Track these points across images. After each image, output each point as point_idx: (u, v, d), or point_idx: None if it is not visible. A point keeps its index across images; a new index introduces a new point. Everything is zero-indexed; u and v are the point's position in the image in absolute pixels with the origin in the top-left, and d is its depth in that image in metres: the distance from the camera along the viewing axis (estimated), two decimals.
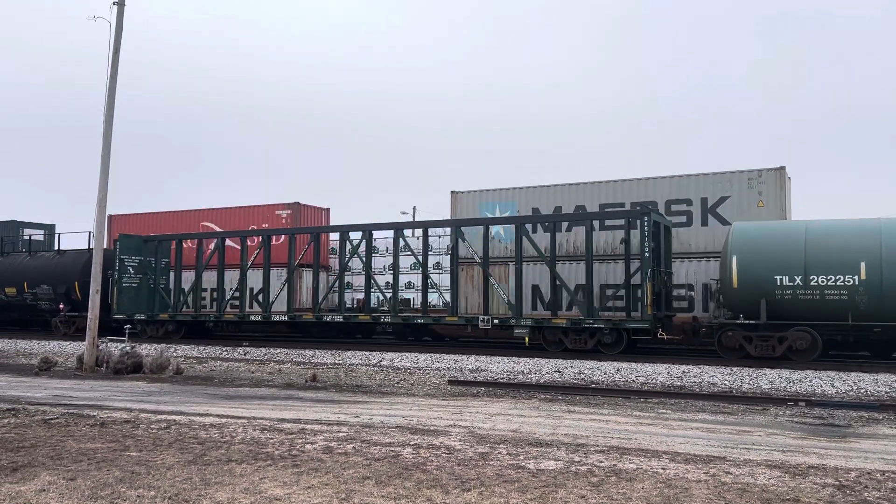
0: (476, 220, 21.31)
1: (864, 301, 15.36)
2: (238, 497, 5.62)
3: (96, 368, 16.31)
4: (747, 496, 5.70)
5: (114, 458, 6.98)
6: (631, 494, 5.74)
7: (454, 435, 8.31)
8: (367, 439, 8.00)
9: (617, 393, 12.78)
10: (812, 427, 9.38)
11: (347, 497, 5.64)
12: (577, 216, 20.64)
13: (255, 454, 7.19)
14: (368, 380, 14.98)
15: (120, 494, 5.71)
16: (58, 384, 13.84)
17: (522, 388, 13.55)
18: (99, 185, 17.09)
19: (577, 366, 16.43)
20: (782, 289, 15.95)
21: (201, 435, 8.23)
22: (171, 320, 24.48)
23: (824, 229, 16.30)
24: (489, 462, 6.87)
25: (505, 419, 9.61)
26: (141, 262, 25.23)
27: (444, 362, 17.76)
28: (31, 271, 27.76)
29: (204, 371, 16.73)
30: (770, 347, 16.25)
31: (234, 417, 9.58)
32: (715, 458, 7.15)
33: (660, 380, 14.82)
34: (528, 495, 5.70)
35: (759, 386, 13.92)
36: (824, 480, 6.24)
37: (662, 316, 18.23)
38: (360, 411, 10.28)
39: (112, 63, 17.00)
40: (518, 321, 19.02)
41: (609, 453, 7.33)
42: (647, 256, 17.52)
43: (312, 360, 18.89)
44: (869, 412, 10.80)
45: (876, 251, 15.39)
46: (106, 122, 17.06)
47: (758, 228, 17.09)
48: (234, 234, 24.79)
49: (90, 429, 8.66)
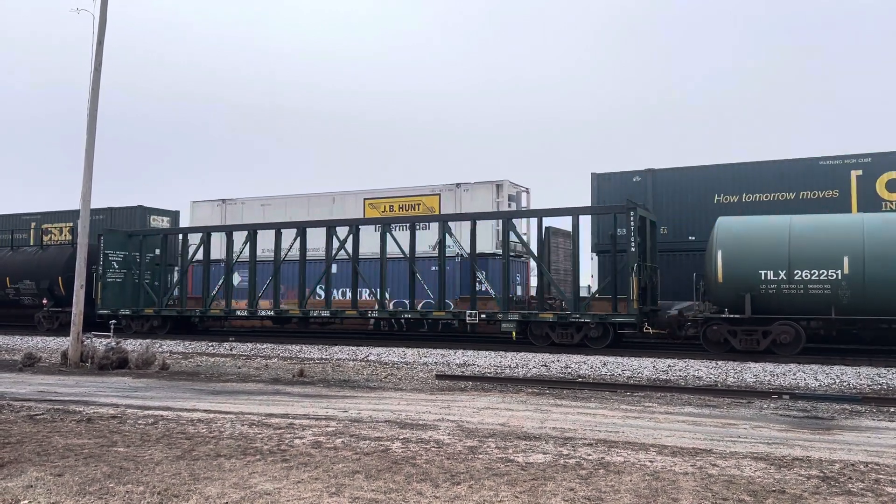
0: (463, 214, 21.32)
1: (847, 295, 15.54)
2: (227, 492, 5.62)
3: (81, 364, 16.18)
4: (734, 488, 5.76)
5: (101, 454, 6.94)
6: (619, 487, 5.79)
7: (443, 429, 8.34)
8: (356, 434, 8.00)
9: (604, 387, 12.85)
10: (796, 420, 9.50)
11: (337, 491, 5.65)
12: (563, 210, 20.68)
13: (243, 449, 7.17)
14: (356, 374, 14.98)
15: (108, 490, 5.68)
16: (42, 380, 13.73)
17: (510, 382, 13.60)
18: (83, 179, 16.95)
19: (564, 360, 16.51)
20: (767, 283, 16.09)
21: (189, 430, 8.20)
22: (157, 315, 24.32)
23: (808, 224, 16.45)
24: (478, 456, 6.91)
25: (493, 413, 9.64)
26: (126, 256, 25.03)
27: (431, 357, 17.78)
28: (13, 266, 27.43)
29: (190, 366, 16.65)
30: (754, 341, 16.40)
31: (222, 413, 9.55)
32: (701, 450, 7.22)
33: (646, 374, 14.93)
34: (517, 488, 5.74)
35: (743, 379, 14.06)
36: (809, 472, 6.32)
37: (648, 310, 18.36)
38: (349, 406, 10.28)
39: (95, 56, 16.84)
40: (505, 315, 19.08)
41: (597, 446, 7.38)
42: (634, 251, 17.62)
43: (299, 355, 18.85)
44: (852, 405, 10.94)
45: (858, 246, 15.57)
46: (90, 116, 16.90)
47: (743, 223, 17.22)
48: (219, 229, 24.64)
49: (77, 424, 8.60)
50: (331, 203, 26.52)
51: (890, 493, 5.69)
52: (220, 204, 28.84)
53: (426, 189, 25.36)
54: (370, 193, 26.32)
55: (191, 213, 29.47)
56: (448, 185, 24.83)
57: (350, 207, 25.99)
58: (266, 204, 27.90)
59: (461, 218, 20.93)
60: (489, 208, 23.13)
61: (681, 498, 5.48)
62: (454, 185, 24.64)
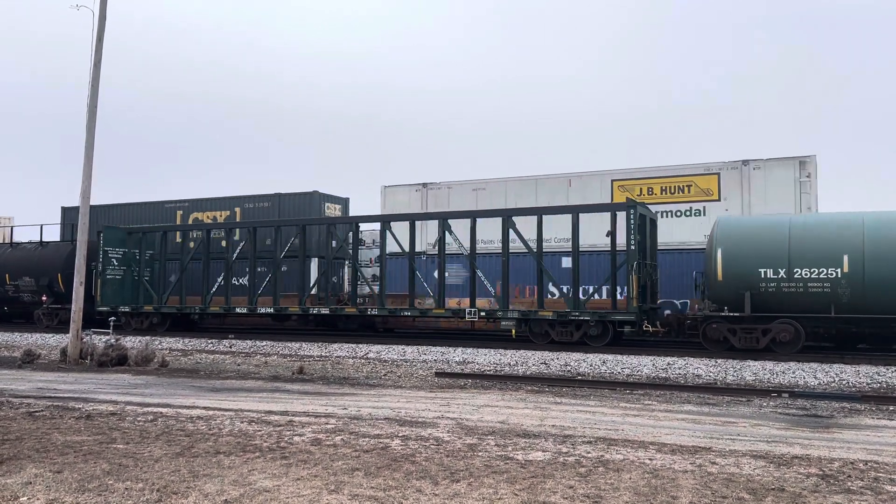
0: (463, 212, 21.28)
1: (847, 294, 15.54)
2: (227, 489, 5.61)
3: (80, 361, 16.18)
4: (733, 486, 5.76)
5: (100, 451, 6.94)
6: (619, 485, 5.79)
7: (442, 426, 8.33)
8: (356, 431, 8.00)
9: (603, 384, 12.86)
10: (795, 418, 9.50)
11: (337, 489, 5.64)
12: (562, 209, 20.61)
13: (243, 446, 7.17)
14: (356, 372, 14.98)
15: (108, 487, 5.68)
16: (42, 376, 13.72)
17: (509, 379, 13.60)
18: (83, 175, 16.93)
19: (564, 358, 16.51)
20: (766, 282, 16.09)
21: (188, 427, 8.20)
22: (156, 312, 24.31)
23: (808, 223, 16.46)
24: (478, 453, 6.90)
25: (492, 411, 9.64)
26: (125, 253, 25.01)
27: (430, 354, 17.78)
28: (12, 263, 27.43)
29: (189, 363, 16.65)
30: (754, 339, 16.40)
31: (222, 410, 9.54)
32: (701, 448, 7.22)
33: (645, 371, 14.93)
34: (516, 486, 5.73)
35: (743, 377, 14.06)
36: (808, 470, 6.32)
37: (648, 308, 18.35)
38: (348, 403, 10.28)
39: (95, 52, 16.83)
40: (504, 313, 19.06)
41: (596, 444, 7.38)
42: (633, 249, 17.61)
43: (299, 353, 18.85)
44: (851, 403, 10.94)
45: (858, 245, 15.56)
46: (90, 112, 16.89)
47: (742, 222, 17.22)
48: (219, 227, 24.62)
49: (76, 421, 8.60)
50: (566, 186, 22.88)
51: (889, 491, 5.69)
52: (419, 189, 25.36)
53: (699, 167, 21.57)
54: (620, 174, 22.65)
55: (383, 199, 26.12)
56: (731, 162, 20.93)
57: (593, 190, 22.48)
58: (480, 188, 24.34)
59: (460, 216, 20.84)
60: (788, 190, 19.89)
61: (680, 496, 5.47)
62: (739, 163, 20.77)
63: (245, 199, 27.31)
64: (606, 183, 22.62)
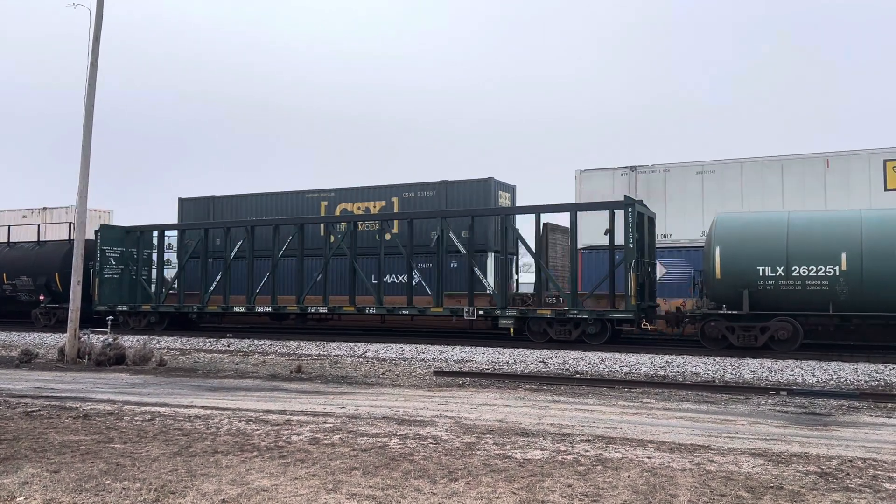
0: (463, 211, 21.28)
1: (845, 291, 15.55)
2: (225, 489, 5.60)
3: (78, 360, 16.15)
4: (731, 484, 5.76)
5: (98, 451, 6.92)
6: (617, 483, 5.78)
7: (440, 425, 8.32)
8: (354, 430, 7.99)
9: (601, 383, 12.85)
10: (794, 416, 9.50)
11: (335, 488, 5.63)
12: (561, 207, 20.63)
13: (241, 446, 7.16)
14: (354, 371, 14.96)
15: (105, 486, 5.66)
16: (39, 376, 13.70)
17: (508, 378, 13.59)
18: (80, 174, 16.88)
19: (562, 356, 16.50)
20: (765, 279, 16.09)
21: (186, 427, 8.18)
22: (154, 311, 24.29)
23: (806, 220, 16.46)
24: (476, 452, 6.89)
25: (491, 409, 9.63)
26: (123, 252, 24.98)
27: (429, 353, 17.77)
28: (10, 262, 27.39)
29: (187, 362, 16.62)
30: (752, 337, 16.40)
31: (219, 409, 9.53)
32: (699, 446, 7.22)
33: (643, 370, 14.93)
34: (515, 484, 5.73)
35: (741, 375, 14.06)
36: (807, 468, 6.32)
37: (646, 306, 18.35)
38: (346, 402, 10.26)
39: (92, 51, 16.78)
40: (503, 312, 19.06)
41: (595, 442, 7.37)
42: (631, 247, 17.60)
43: (297, 352, 18.83)
44: (849, 401, 10.94)
45: (856, 242, 15.57)
46: (87, 112, 16.84)
47: (741, 219, 17.22)
48: (217, 225, 24.58)
49: (73, 421, 8.58)
50: (822, 167, 19.82)
51: (888, 489, 5.69)
52: (626, 172, 22.45)
53: None
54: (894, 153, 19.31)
55: (578, 186, 23.07)
56: None
57: (857, 172, 19.50)
58: (705, 171, 21.39)
59: (460, 214, 20.83)
60: None
61: (678, 494, 5.47)
62: None
63: (403, 187, 24.26)
64: (877, 163, 19.40)
